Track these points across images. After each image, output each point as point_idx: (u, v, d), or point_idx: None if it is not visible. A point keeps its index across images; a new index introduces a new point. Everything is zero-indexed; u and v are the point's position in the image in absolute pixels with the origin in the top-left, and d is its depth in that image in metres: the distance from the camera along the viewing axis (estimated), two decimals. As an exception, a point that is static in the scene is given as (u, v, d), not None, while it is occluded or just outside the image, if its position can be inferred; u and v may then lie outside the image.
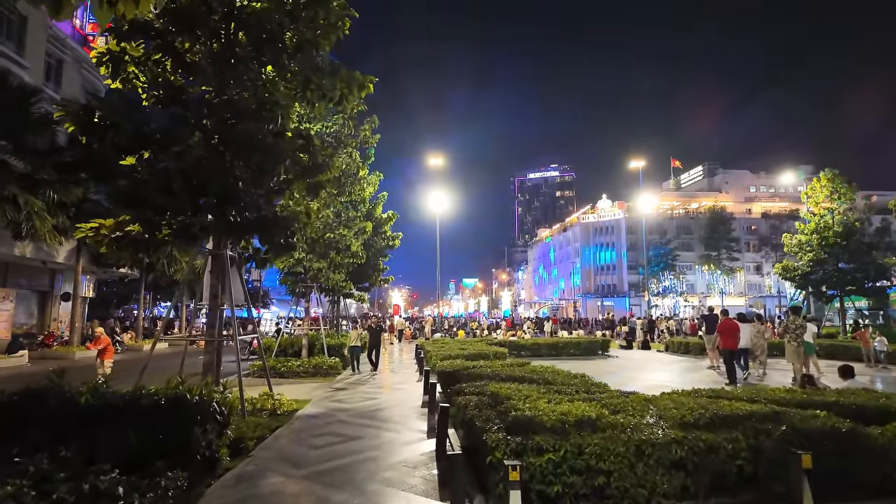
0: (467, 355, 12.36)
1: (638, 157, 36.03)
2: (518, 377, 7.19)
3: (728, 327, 11.31)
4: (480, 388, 6.29)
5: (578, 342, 17.30)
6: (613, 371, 13.72)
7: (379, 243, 21.71)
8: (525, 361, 9.66)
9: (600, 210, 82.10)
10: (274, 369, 13.00)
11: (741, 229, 73.82)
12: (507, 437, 3.90)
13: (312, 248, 14.33)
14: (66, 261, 22.58)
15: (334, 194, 14.33)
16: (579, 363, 15.34)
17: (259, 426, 6.62)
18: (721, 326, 11.50)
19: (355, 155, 14.32)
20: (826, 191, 23.28)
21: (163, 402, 4.66)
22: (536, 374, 7.28)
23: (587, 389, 5.88)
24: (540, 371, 7.74)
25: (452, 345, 15.22)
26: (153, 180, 6.46)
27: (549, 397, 5.22)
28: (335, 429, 7.09)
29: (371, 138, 15.04)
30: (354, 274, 21.14)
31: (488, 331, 31.10)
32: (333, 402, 9.29)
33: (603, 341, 18.00)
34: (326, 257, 14.55)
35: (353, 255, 15.14)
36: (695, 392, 5.55)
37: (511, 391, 5.49)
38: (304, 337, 14.65)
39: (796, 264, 23.81)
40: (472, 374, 7.88)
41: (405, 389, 10.85)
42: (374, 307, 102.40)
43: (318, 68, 7.51)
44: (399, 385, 11.64)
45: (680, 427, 4.07)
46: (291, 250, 7.80)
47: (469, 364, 8.85)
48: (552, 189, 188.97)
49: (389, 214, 21.97)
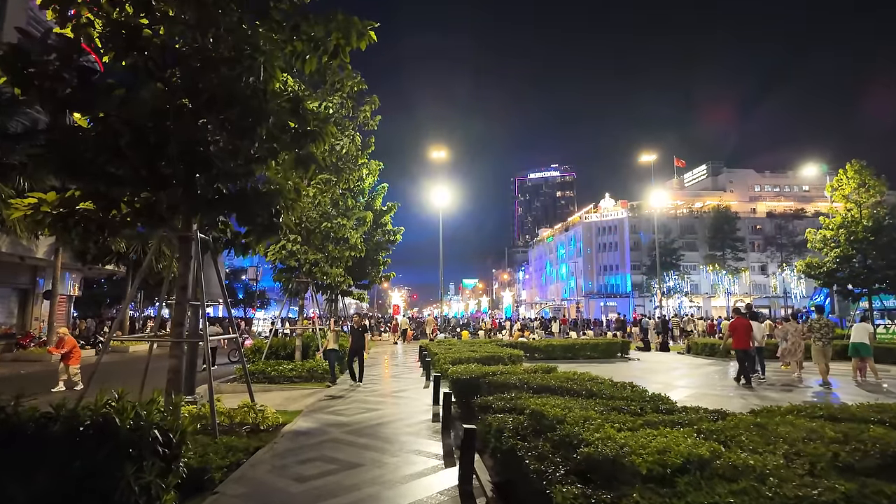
0: (480, 359, 11.03)
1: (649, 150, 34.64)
2: (554, 388, 5.84)
3: (740, 326, 10.79)
4: (513, 402, 4.93)
5: (596, 344, 15.96)
6: (642, 376, 12.35)
7: (379, 237, 20.34)
8: (550, 366, 8.33)
9: (603, 209, 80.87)
10: (264, 374, 11.65)
11: (746, 229, 72.81)
12: (587, 491, 2.53)
13: (308, 239, 12.97)
14: (47, 256, 21.20)
15: (332, 181, 12.97)
16: (600, 367, 13.99)
17: (232, 449, 5.25)
18: (733, 325, 11.00)
19: (357, 138, 12.95)
20: (853, 183, 21.93)
21: (81, 428, 3.30)
22: (576, 384, 5.93)
23: (655, 407, 4.51)
24: (576, 379, 6.39)
25: (460, 346, 13.86)
26: (95, 138, 5.09)
27: (613, 419, 3.87)
28: (328, 451, 5.72)
29: (371, 120, 13.67)
30: (353, 270, 19.79)
31: (494, 331, 29.76)
32: (327, 414, 7.92)
33: (623, 343, 16.65)
34: (323, 250, 13.20)
35: (351, 248, 13.78)
36: (807, 410, 4.18)
37: (559, 409, 4.13)
38: (298, 338, 13.27)
39: (822, 261, 22.45)
40: (495, 382, 6.53)
41: (410, 398, 9.48)
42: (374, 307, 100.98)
43: (307, 15, 6.18)
44: (403, 393, 10.27)
45: (841, 472, 2.71)
46: (275, 233, 6.43)
47: (487, 370, 7.49)
48: (553, 189, 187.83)
49: (390, 206, 20.60)
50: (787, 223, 73.18)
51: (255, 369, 11.68)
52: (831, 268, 21.72)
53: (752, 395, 9.55)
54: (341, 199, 13.53)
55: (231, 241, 7.08)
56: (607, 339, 16.84)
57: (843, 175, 22.19)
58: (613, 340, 16.76)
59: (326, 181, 12.75)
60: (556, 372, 7.59)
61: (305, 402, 9.31)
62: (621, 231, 78.48)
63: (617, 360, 15.82)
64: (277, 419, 7.00)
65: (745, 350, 10.62)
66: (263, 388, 10.98)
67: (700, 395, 9.50)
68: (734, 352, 11.03)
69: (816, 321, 10.52)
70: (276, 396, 10.07)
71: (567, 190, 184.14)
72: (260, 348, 13.19)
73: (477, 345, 14.40)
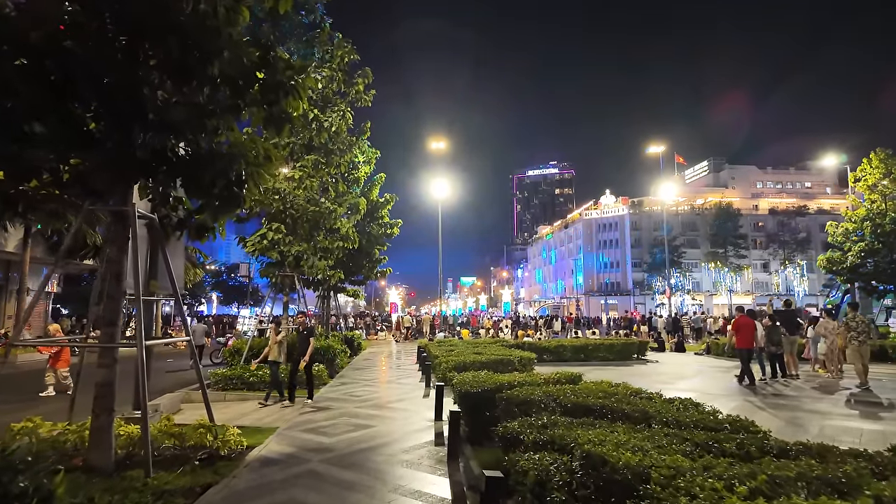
0: (487, 363, 9.67)
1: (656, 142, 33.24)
2: (594, 408, 4.50)
3: (744, 324, 10.64)
4: (550, 433, 3.56)
5: (611, 345, 14.61)
6: (672, 382, 10.98)
7: (375, 230, 18.93)
8: (573, 373, 7.00)
9: (603, 206, 79.59)
10: (242, 380, 10.26)
11: (748, 226, 71.85)
12: None
13: (294, 228, 11.58)
14: (19, 250, 19.74)
15: (321, 163, 11.58)
16: (620, 371, 12.70)
17: (165, 495, 3.87)
18: (737, 324, 10.82)
19: (348, 115, 11.55)
20: (878, 173, 20.66)
21: None
22: (623, 403, 4.57)
23: (758, 445, 3.15)
24: (618, 395, 5.05)
25: (462, 348, 12.51)
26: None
27: (715, 468, 2.52)
28: (300, 494, 4.34)
29: (365, 95, 12.28)
30: (346, 264, 18.41)
31: (494, 330, 28.43)
32: (308, 433, 6.55)
33: (640, 343, 15.32)
34: (311, 240, 11.81)
35: (343, 239, 12.39)
36: None
37: (629, 454, 2.77)
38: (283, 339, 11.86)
39: (844, 255, 21.17)
40: (514, 399, 5.16)
41: (408, 410, 8.11)
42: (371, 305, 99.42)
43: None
44: (399, 403, 8.90)
45: None
46: (235, 207, 5.03)
47: (501, 381, 6.13)
48: (551, 186, 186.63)
49: (388, 197, 19.18)
50: (790, 220, 72.29)
51: (232, 374, 10.30)
52: (855, 262, 20.51)
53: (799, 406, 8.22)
54: (332, 183, 12.13)
55: (183, 221, 5.69)
56: (623, 340, 15.52)
57: (867, 164, 20.94)
58: (629, 341, 15.43)
59: (315, 163, 11.37)
60: (584, 382, 6.24)
61: (284, 414, 7.94)
62: (622, 228, 77.38)
63: (634, 363, 14.49)
64: (241, 442, 5.62)
65: (749, 350, 10.49)
66: (240, 397, 9.61)
67: (749, 408, 8.17)
68: (737, 351, 10.79)
69: (852, 318, 10.02)
70: (252, 407, 8.70)
71: (566, 187, 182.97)
72: (240, 350, 11.80)
73: (481, 346, 13.04)
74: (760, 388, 9.96)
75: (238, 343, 12.27)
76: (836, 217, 23.28)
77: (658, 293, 66.37)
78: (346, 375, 12.58)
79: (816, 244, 71.69)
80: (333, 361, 12.45)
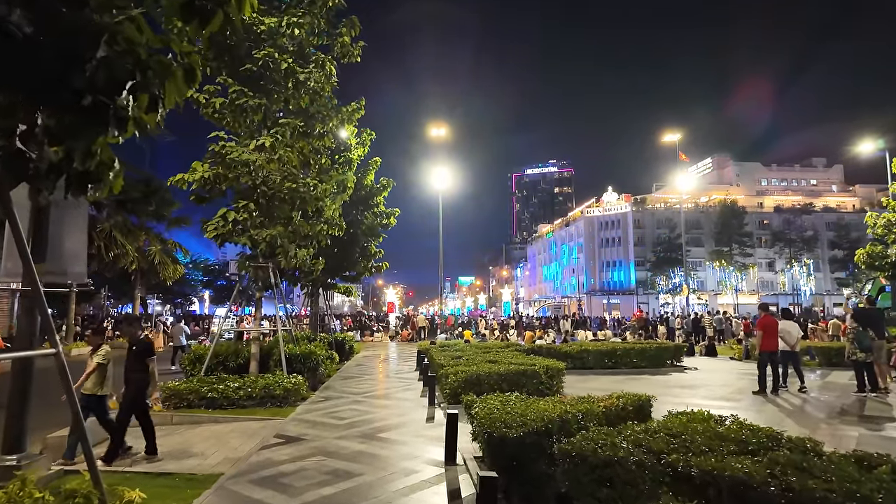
0: (506, 375, 7.64)
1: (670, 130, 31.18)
2: (745, 480, 2.42)
3: (768, 325, 9.58)
4: None
5: (643, 350, 12.54)
6: (740, 399, 8.94)
7: (370, 219, 16.83)
8: (637, 398, 4.98)
9: (605, 203, 77.74)
10: (198, 395, 8.16)
11: (753, 224, 70.32)
12: None
13: (269, 210, 9.50)
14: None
15: (300, 129, 9.49)
16: (658, 382, 10.66)
17: None
18: (760, 324, 9.78)
19: (330, 68, 9.46)
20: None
21: None
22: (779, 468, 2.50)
23: None
24: (747, 439, 2.99)
25: (471, 354, 10.49)
26: None
27: None
28: None
29: (352, 49, 10.19)
30: (335, 256, 16.32)
31: (499, 330, 26.39)
32: (262, 488, 4.47)
33: (675, 348, 13.27)
34: (289, 225, 9.73)
35: (327, 223, 10.31)
36: None
37: None
38: (255, 343, 9.77)
39: (885, 250, 19.20)
40: (586, 455, 3.09)
41: (406, 443, 6.03)
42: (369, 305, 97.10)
43: None
44: (395, 430, 6.83)
45: None
46: (103, 124, 2.97)
47: (549, 414, 4.09)
48: (550, 185, 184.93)
49: (384, 182, 17.09)
50: (796, 218, 70.69)
51: (186, 388, 8.21)
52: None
53: None
54: (313, 156, 10.03)
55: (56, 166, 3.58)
56: (655, 344, 13.47)
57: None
58: (663, 345, 13.38)
59: (292, 129, 9.28)
60: (676, 417, 4.17)
61: (242, 448, 5.86)
62: (625, 225, 75.66)
63: (670, 370, 12.45)
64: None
65: (772, 353, 9.47)
66: (191, 419, 7.51)
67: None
68: (759, 354, 9.62)
69: None
70: (203, 435, 6.61)
71: (565, 186, 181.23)
72: (201, 357, 9.69)
73: (493, 351, 11.00)
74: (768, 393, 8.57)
75: (199, 348, 10.16)
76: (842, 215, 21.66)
77: (662, 292, 64.64)
78: (333, 387, 10.51)
79: (823, 242, 70.11)
80: (316, 370, 10.38)
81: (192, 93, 9.12)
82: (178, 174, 9.04)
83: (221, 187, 9.28)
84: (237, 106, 9.13)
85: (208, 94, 9.10)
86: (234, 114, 9.30)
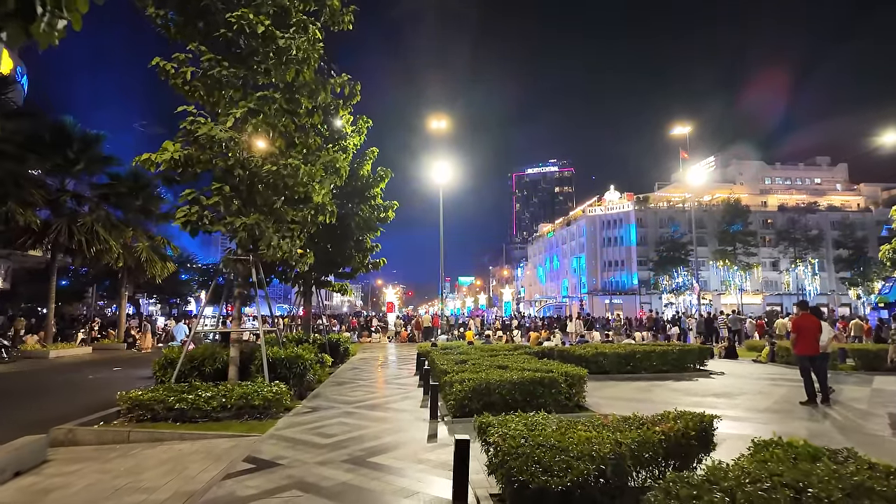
0: (520, 384, 6.55)
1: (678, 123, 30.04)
2: None
3: (808, 326, 8.56)
4: None
5: (664, 353, 11.41)
6: (792, 411, 7.82)
7: (366, 212, 15.70)
8: (700, 418, 3.86)
9: (607, 202, 76.60)
10: (165, 405, 7.06)
11: (757, 223, 69.42)
12: None
13: (250, 195, 8.40)
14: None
15: (282, 104, 8.38)
16: (684, 389, 9.55)
17: None
18: (798, 324, 8.73)
19: (314, 31, 8.34)
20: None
21: None
22: None
23: None
24: None
25: (477, 358, 9.40)
26: None
27: None
28: None
29: (343, 14, 9.08)
30: (330, 253, 15.24)
31: (503, 332, 25.28)
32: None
33: (700, 350, 12.15)
34: (273, 213, 8.63)
35: (316, 210, 9.20)
36: None
37: None
38: (234, 346, 8.64)
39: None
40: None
41: (405, 475, 4.89)
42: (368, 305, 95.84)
43: None
44: (391, 453, 5.71)
45: None
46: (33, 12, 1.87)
47: (600, 448, 2.98)
48: (551, 185, 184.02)
49: (381, 173, 15.96)
50: (800, 217, 69.82)
51: (151, 398, 7.10)
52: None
53: None
54: (299, 134, 8.91)
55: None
56: (679, 346, 12.33)
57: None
58: (687, 347, 12.22)
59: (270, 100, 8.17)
60: (773, 449, 3.04)
61: (201, 478, 4.75)
62: (627, 225, 74.62)
63: (695, 375, 11.34)
64: None
65: (812, 357, 8.44)
66: (150, 436, 6.38)
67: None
68: (797, 359, 8.74)
69: None
70: (160, 458, 5.49)
71: (566, 185, 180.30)
72: (172, 361, 8.56)
73: (500, 355, 9.89)
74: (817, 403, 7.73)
75: (170, 352, 9.02)
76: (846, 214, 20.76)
77: (665, 292, 63.58)
78: (323, 394, 9.40)
79: (828, 241, 69.14)
80: (303, 377, 9.26)
81: (158, 60, 8.02)
82: (145, 154, 7.91)
83: (195, 170, 8.15)
84: (210, 77, 8.02)
85: (177, 63, 7.97)
86: (209, 87, 8.19)
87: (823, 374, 8.27)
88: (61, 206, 19.41)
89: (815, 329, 8.56)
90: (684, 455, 3.72)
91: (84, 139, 19.30)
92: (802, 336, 8.52)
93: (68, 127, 18.98)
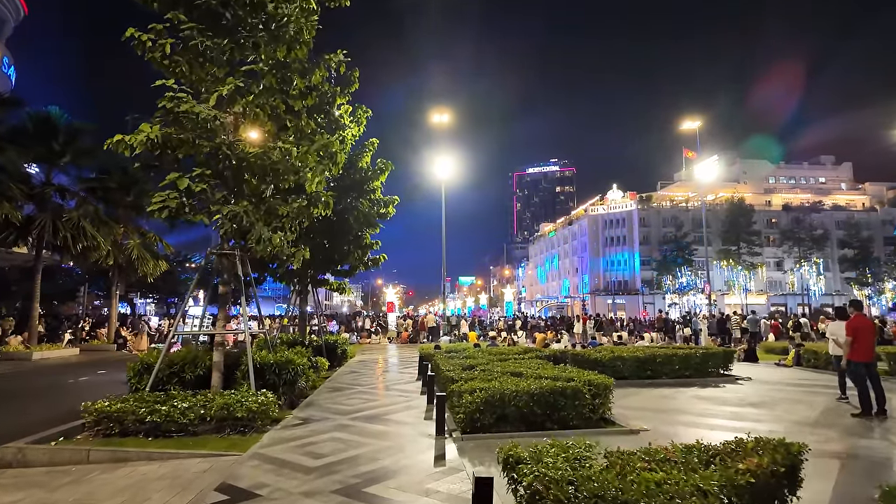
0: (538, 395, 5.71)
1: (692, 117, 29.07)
2: None
3: (862, 328, 7.62)
4: None
5: (687, 357, 10.54)
6: (886, 439, 6.89)
7: (365, 207, 14.84)
8: (777, 450, 3.03)
9: (610, 201, 75.74)
10: (136, 417, 6.22)
11: (761, 222, 68.59)
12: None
13: (236, 182, 7.57)
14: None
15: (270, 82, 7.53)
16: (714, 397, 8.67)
17: None
18: (853, 326, 7.64)
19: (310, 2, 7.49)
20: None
21: None
22: None
23: None
24: None
25: (482, 361, 8.59)
26: None
27: None
28: None
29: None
30: (326, 249, 14.40)
31: (507, 332, 24.45)
32: None
33: (725, 353, 11.30)
34: (262, 203, 7.79)
35: (310, 201, 8.34)
36: None
37: None
38: (217, 350, 7.78)
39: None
40: None
41: None
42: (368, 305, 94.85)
43: None
44: (393, 480, 4.87)
45: None
46: None
47: (675, 495, 2.13)
48: (552, 184, 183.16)
49: (381, 165, 15.12)
50: (805, 216, 69.03)
51: (121, 410, 6.26)
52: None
53: None
54: (290, 117, 8.06)
55: None
56: (702, 349, 11.46)
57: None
58: (711, 350, 11.35)
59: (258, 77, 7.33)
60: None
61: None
62: (630, 224, 73.81)
63: (720, 381, 10.48)
64: None
65: (868, 364, 7.45)
66: (113, 456, 5.53)
67: None
68: (850, 365, 7.62)
69: None
70: (118, 485, 4.63)
71: (566, 185, 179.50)
72: (150, 366, 7.71)
73: (510, 359, 9.05)
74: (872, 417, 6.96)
75: (148, 355, 8.17)
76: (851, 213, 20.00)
77: (669, 292, 62.77)
78: (316, 402, 8.56)
79: (832, 241, 68.31)
80: (294, 383, 8.40)
81: (133, 31, 7.17)
82: (117, 135, 7.06)
83: (177, 154, 7.30)
84: (193, 49, 7.17)
85: (155, 34, 7.12)
86: (191, 62, 7.34)
87: (877, 381, 7.39)
88: (46, 201, 18.55)
89: (871, 331, 7.72)
90: (769, 497, 2.89)
91: (69, 130, 18.43)
92: (860, 339, 7.52)
93: (54, 117, 18.12)
